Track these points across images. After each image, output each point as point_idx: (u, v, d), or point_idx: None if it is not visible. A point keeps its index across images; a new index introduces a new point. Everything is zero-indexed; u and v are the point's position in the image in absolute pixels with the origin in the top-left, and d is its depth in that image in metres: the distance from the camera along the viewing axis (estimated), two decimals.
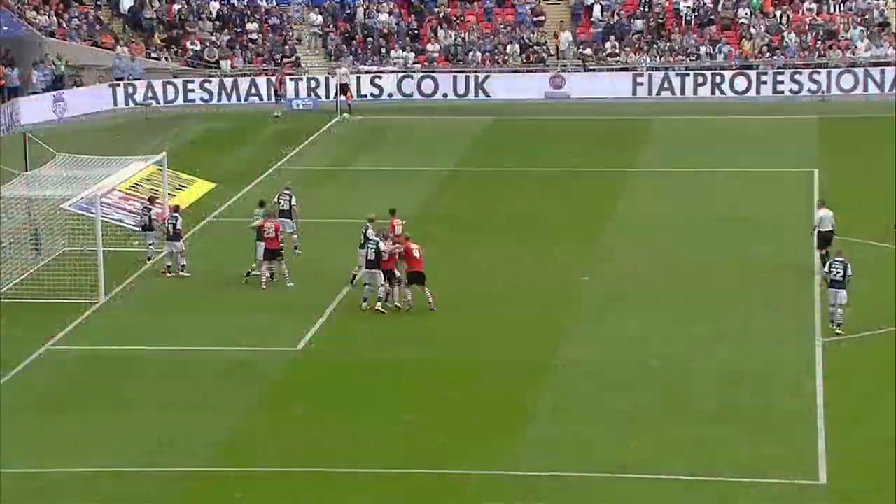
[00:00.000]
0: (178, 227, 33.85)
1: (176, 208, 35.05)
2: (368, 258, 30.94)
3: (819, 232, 32.98)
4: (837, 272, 29.39)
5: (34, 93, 54.86)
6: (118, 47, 58.23)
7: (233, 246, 34.78)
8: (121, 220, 36.99)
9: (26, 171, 35.58)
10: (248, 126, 53.60)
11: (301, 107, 56.05)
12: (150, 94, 56.77)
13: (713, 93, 56.65)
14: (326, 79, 56.51)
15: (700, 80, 57.02)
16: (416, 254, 30.87)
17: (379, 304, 30.86)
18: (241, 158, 48.22)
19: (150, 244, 34.74)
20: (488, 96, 57.93)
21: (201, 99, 57.24)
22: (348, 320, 31.01)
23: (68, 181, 34.53)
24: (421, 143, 50.30)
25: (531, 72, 58.95)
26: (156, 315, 31.62)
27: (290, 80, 56.23)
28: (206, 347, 29.45)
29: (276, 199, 35.63)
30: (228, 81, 58.17)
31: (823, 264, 31.57)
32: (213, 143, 50.90)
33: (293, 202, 35.62)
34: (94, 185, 33.80)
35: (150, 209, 35.10)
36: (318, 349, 29.33)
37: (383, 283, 30.72)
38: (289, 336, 29.98)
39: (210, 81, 57.86)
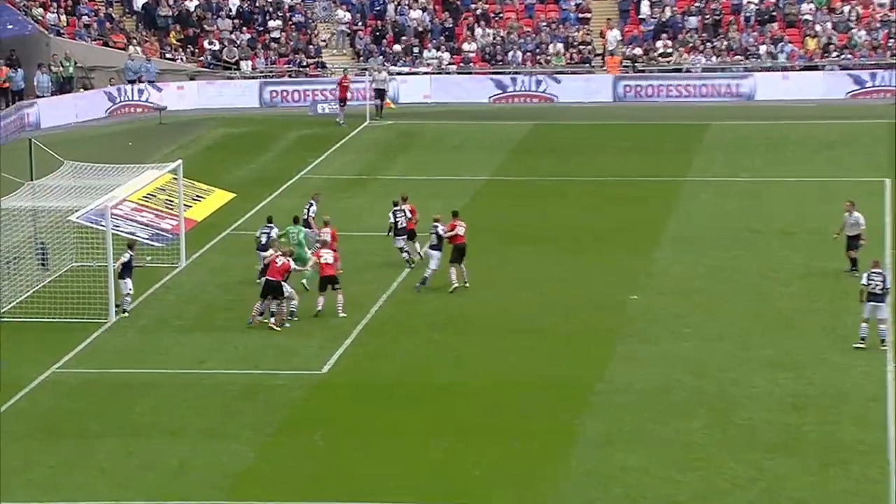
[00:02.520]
0: (273, 235, 34.02)
1: (269, 219, 35.03)
2: (432, 243, 33.73)
3: (847, 236, 34.01)
4: (876, 284, 29.27)
5: (40, 96, 55.26)
6: (131, 47, 58.58)
7: (253, 261, 34.80)
8: (133, 234, 37.09)
9: (31, 180, 35.77)
10: (270, 132, 53.77)
11: (327, 111, 56.18)
12: (164, 98, 57.07)
13: (774, 95, 56.44)
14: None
15: (760, 81, 56.82)
16: (461, 231, 33.60)
17: (272, 319, 31.35)
18: (263, 167, 48.38)
19: (127, 294, 32.61)
20: (529, 99, 57.95)
21: (220, 103, 57.49)
22: (377, 341, 31.00)
23: (77, 191, 34.70)
24: (455, 150, 50.34)
25: (575, 73, 58.90)
26: (169, 335, 31.72)
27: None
28: (223, 370, 29.51)
29: (305, 209, 35.97)
30: (249, 84, 58.40)
31: (854, 268, 33.42)
32: (233, 150, 51.10)
33: (311, 212, 35.83)
34: (104, 196, 33.94)
35: (130, 253, 32.80)
36: (344, 372, 29.33)
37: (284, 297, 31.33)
38: (312, 358, 29.99)
39: (229, 84, 58.12)
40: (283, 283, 31.31)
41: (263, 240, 34.28)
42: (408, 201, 35.93)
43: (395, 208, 35.59)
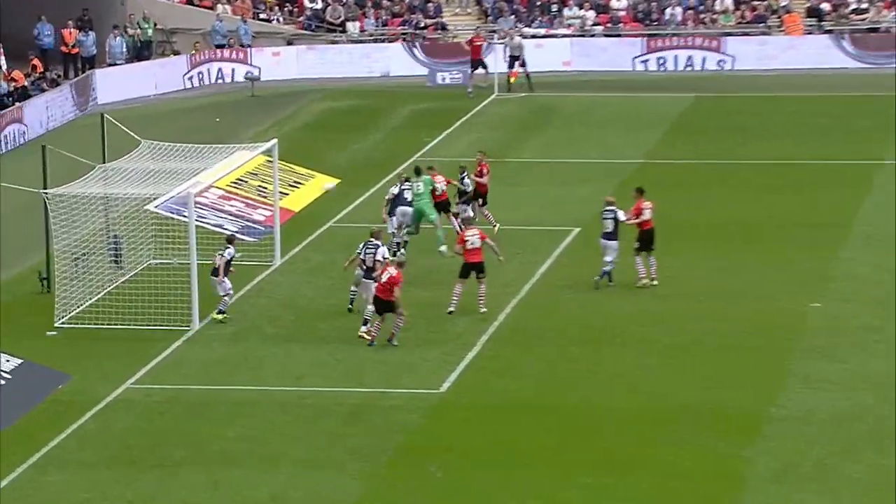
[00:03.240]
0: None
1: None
2: (606, 230, 34.15)
3: None
4: None
5: (114, 63, 56.27)
6: (219, 6, 59.48)
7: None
8: (220, 226, 37.66)
9: (104, 162, 36.42)
10: (380, 106, 54.19)
11: (448, 81, 56.43)
12: (257, 65, 57.77)
13: None
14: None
15: None
16: (648, 214, 34.15)
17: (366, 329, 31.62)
18: (372, 147, 48.74)
19: (225, 295, 32.89)
20: (689, 67, 57.61)
21: (322, 71, 58.03)
22: (505, 354, 31.10)
23: (155, 176, 35.27)
24: (601, 127, 50.36)
25: (746, 34, 58.42)
26: (262, 346, 32.10)
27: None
28: (324, 388, 29.79)
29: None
30: (356, 48, 58.85)
31: None
32: (337, 128, 51.58)
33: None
34: (187, 181, 34.46)
35: (232, 249, 32.88)
36: (467, 391, 29.47)
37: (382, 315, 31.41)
38: (429, 374, 30.16)
39: (333, 49, 58.63)
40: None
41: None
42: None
43: (463, 174, 37.73)
